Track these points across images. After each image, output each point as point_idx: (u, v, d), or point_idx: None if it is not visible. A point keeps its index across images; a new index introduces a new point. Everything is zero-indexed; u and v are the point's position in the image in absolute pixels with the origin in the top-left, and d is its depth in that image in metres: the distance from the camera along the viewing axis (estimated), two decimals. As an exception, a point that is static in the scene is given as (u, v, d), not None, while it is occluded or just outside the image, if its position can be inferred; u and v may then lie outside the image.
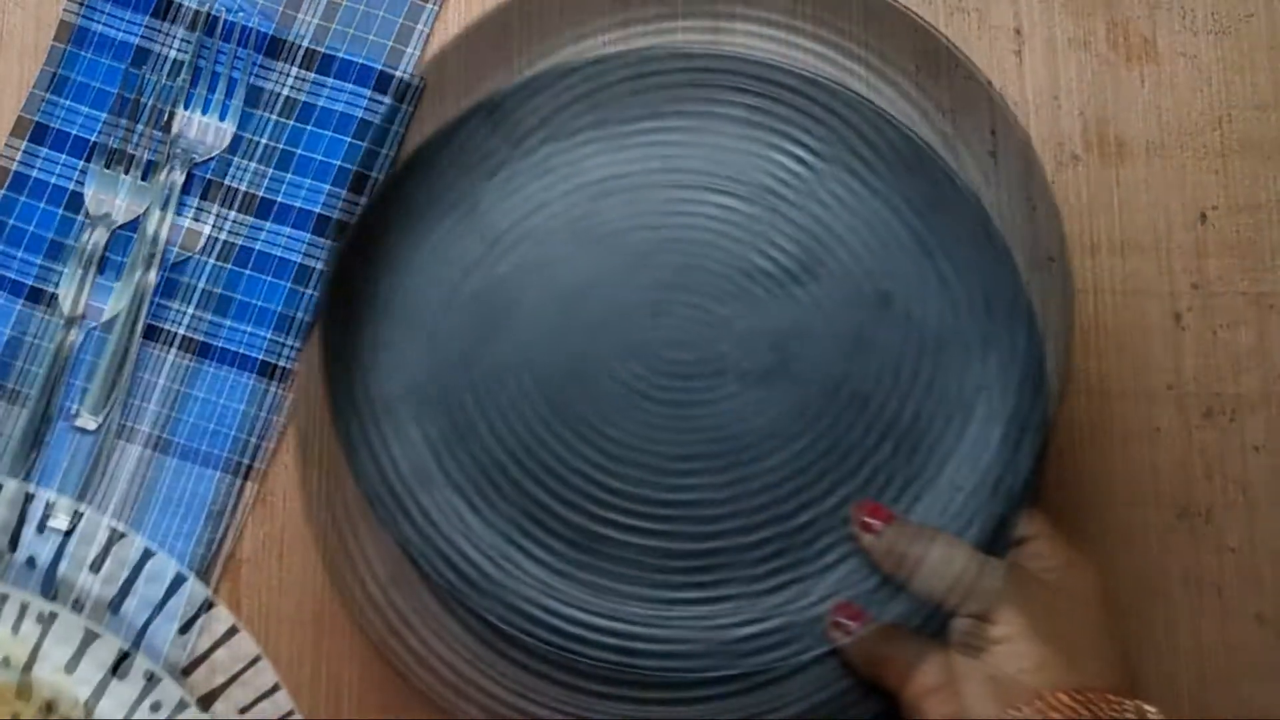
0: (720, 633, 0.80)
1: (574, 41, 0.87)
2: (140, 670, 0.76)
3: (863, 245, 0.85)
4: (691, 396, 0.83)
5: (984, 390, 0.82)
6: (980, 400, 0.82)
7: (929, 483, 0.81)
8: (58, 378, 0.84)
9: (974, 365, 0.83)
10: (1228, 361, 0.88)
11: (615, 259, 0.85)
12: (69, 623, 0.75)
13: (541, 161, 0.86)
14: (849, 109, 0.85)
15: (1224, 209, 0.89)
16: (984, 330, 0.83)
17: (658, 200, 0.86)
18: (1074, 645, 0.73)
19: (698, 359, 0.84)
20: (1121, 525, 0.86)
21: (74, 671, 0.75)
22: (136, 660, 0.76)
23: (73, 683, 0.76)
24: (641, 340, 0.83)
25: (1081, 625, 0.74)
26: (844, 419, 0.82)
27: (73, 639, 0.76)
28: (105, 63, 0.88)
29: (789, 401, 0.82)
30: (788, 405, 0.82)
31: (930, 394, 0.82)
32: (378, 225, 0.83)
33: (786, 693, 0.80)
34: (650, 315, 0.84)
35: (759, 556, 0.81)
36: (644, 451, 0.82)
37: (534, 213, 0.85)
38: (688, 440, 0.82)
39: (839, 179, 0.86)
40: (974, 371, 0.82)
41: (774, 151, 0.87)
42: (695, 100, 0.87)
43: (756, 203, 0.86)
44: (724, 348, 0.84)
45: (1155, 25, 0.91)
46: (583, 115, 0.87)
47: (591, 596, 0.81)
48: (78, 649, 0.76)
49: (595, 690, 0.80)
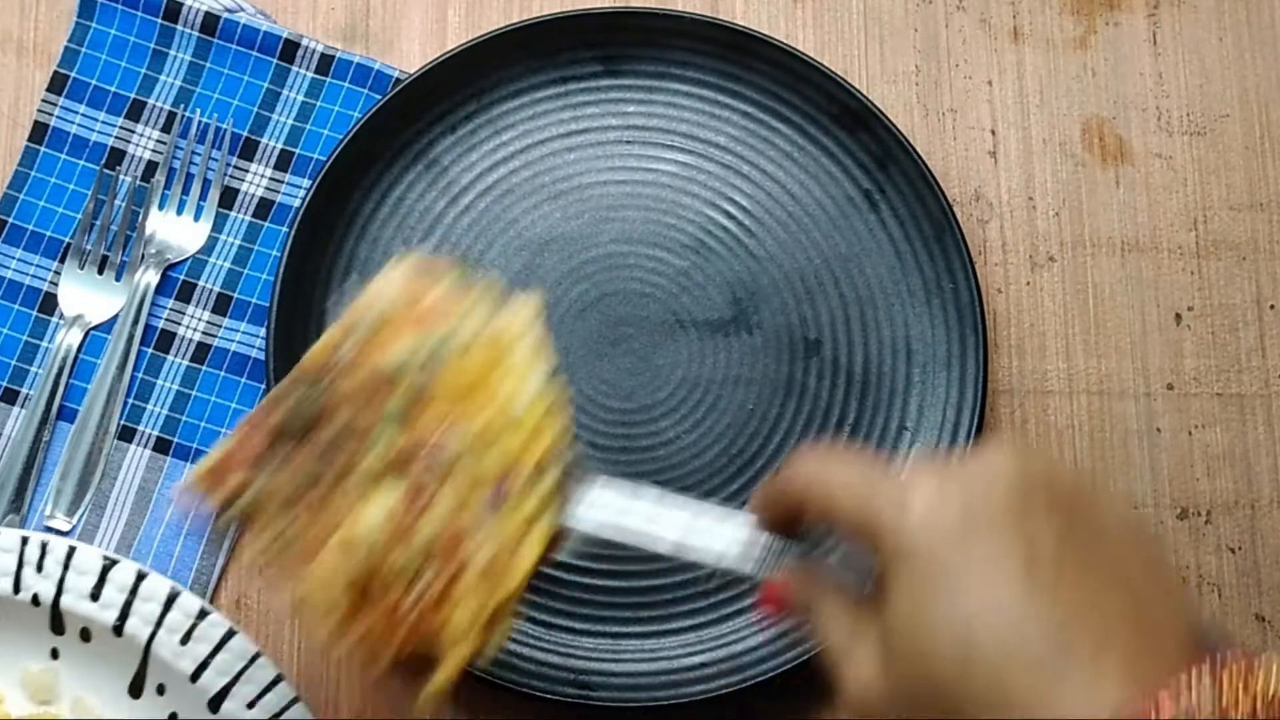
0: (670, 663, 0.83)
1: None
2: (152, 685, 0.79)
3: (813, 200, 0.88)
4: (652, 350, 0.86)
5: (926, 336, 0.86)
6: (920, 345, 0.86)
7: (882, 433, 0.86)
8: (29, 475, 0.84)
9: (920, 312, 0.86)
10: (1202, 463, 0.88)
11: (575, 214, 0.88)
12: (82, 651, 0.79)
13: (500, 118, 0.89)
14: (803, 67, 0.88)
15: (1199, 310, 0.89)
16: (925, 279, 0.87)
17: (615, 156, 0.89)
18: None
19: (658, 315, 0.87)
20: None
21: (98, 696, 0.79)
22: (148, 676, 0.79)
23: (99, 707, 0.79)
24: (600, 295, 0.86)
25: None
26: (797, 374, 0.86)
27: (89, 665, 0.79)
28: (79, 163, 0.88)
29: (744, 353, 0.86)
30: (741, 354, 0.86)
31: (878, 341, 0.87)
32: (340, 182, 0.86)
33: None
34: (609, 270, 0.87)
35: (703, 590, 0.85)
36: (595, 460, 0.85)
37: (494, 168, 0.88)
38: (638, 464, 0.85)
39: (789, 137, 0.89)
40: (920, 319, 0.86)
41: (728, 111, 0.89)
42: (650, 60, 0.89)
43: (712, 159, 0.89)
44: (684, 300, 0.87)
45: (1130, 126, 0.91)
46: (540, 73, 0.89)
47: (545, 633, 0.84)
48: (96, 675, 0.79)
49: None
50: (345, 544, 0.63)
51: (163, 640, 0.78)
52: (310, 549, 0.65)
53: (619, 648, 0.84)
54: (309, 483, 0.65)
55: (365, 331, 0.67)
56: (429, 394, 0.65)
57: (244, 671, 0.78)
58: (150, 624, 0.78)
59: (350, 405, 0.65)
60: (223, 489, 0.66)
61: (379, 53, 0.91)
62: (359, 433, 0.65)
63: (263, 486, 0.65)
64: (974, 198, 0.90)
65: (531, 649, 0.83)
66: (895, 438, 0.86)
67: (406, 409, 0.65)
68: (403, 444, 0.65)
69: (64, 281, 0.86)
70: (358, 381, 0.66)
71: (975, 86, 0.91)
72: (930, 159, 0.89)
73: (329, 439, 0.65)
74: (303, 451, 0.65)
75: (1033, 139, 0.91)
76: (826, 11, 0.92)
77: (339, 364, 0.66)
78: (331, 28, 0.91)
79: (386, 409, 0.65)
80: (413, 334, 0.66)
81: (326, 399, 0.66)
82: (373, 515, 0.64)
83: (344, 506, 0.64)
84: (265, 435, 0.66)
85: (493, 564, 0.64)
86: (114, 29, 0.89)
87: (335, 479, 0.65)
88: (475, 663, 0.65)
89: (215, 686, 0.78)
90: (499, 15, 0.92)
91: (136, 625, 0.78)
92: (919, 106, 0.91)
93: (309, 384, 0.66)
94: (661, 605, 0.85)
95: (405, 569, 0.63)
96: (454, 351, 0.66)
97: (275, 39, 0.89)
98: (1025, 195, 0.90)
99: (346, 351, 0.66)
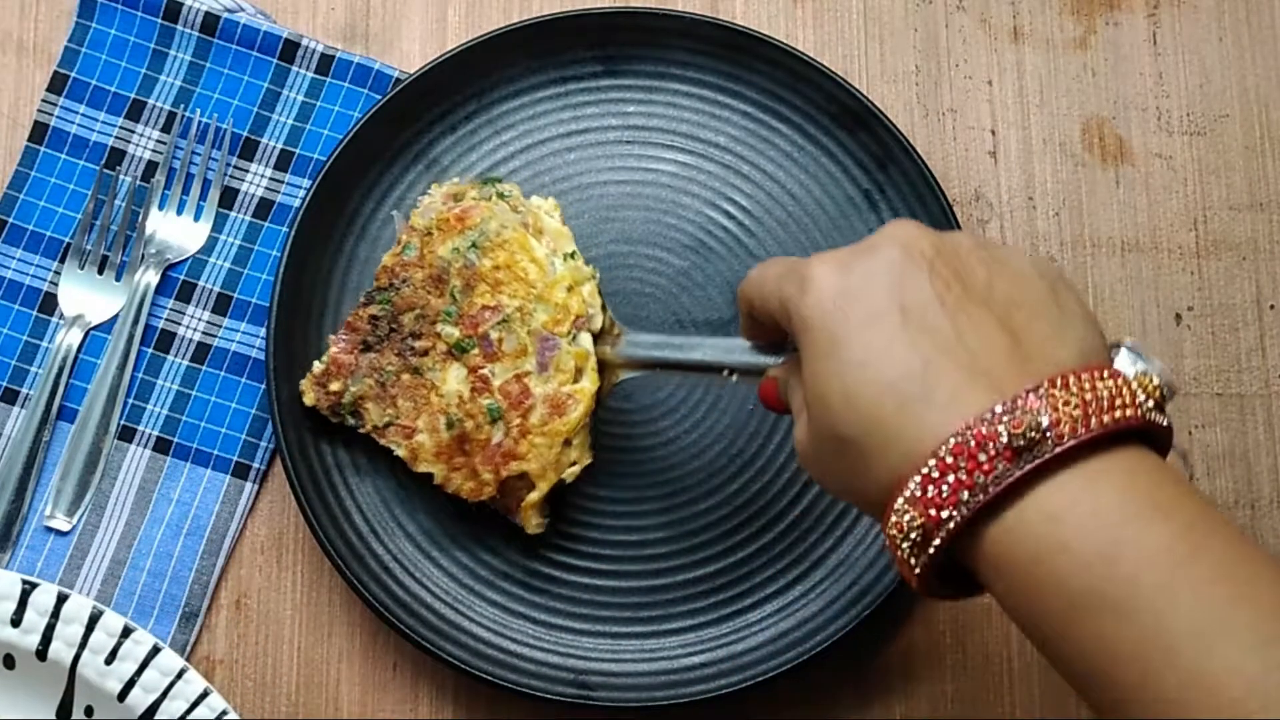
0: (670, 663, 0.83)
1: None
2: (80, 707, 0.79)
3: (813, 200, 0.88)
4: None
5: None
6: None
7: None
8: (29, 475, 0.84)
9: None
10: (1202, 463, 0.88)
11: (575, 214, 0.88)
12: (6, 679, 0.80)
13: (500, 118, 0.89)
14: (803, 67, 0.88)
15: (1199, 310, 0.89)
16: None
17: (616, 157, 0.89)
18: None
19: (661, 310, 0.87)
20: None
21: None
22: (75, 699, 0.79)
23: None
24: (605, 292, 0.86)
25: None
26: None
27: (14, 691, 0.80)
28: (79, 163, 0.88)
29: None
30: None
31: None
32: (340, 182, 0.86)
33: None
34: (609, 270, 0.87)
35: (702, 590, 0.85)
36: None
37: (494, 168, 0.88)
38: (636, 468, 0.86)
39: (789, 137, 0.89)
40: None
41: (728, 111, 0.89)
42: (651, 60, 0.89)
43: (712, 160, 0.89)
44: (684, 300, 0.87)
45: (1130, 126, 0.91)
46: (540, 73, 0.89)
47: (544, 633, 0.84)
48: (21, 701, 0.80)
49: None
50: (435, 411, 0.81)
51: (87, 661, 0.79)
52: (410, 420, 0.81)
53: (619, 648, 0.84)
54: (397, 370, 0.81)
55: (418, 241, 0.82)
56: (475, 279, 0.81)
57: (171, 687, 0.78)
58: (73, 646, 0.79)
59: (417, 300, 0.82)
60: (328, 395, 0.82)
61: (379, 53, 0.90)
62: (428, 320, 0.81)
63: (360, 385, 0.81)
64: (974, 198, 0.90)
65: (531, 649, 0.83)
66: None
67: (459, 296, 0.81)
68: (461, 326, 0.81)
69: (64, 281, 0.86)
70: (419, 281, 0.82)
71: (975, 86, 0.91)
72: (930, 159, 0.89)
73: (406, 333, 0.82)
74: (387, 349, 0.82)
75: (1033, 139, 0.91)
76: (826, 11, 0.92)
77: (403, 272, 0.82)
78: (331, 27, 0.91)
79: (446, 296, 0.81)
80: (454, 234, 0.81)
81: (397, 301, 0.82)
82: (450, 387, 0.81)
83: (427, 384, 0.81)
84: (355, 343, 0.82)
85: (553, 407, 0.80)
86: (114, 29, 0.89)
87: (416, 364, 0.81)
88: (560, 484, 0.81)
89: (143, 704, 0.78)
90: (499, 15, 0.92)
91: (60, 649, 0.79)
92: (919, 106, 0.91)
93: (382, 293, 0.82)
94: (661, 605, 0.85)
95: (484, 423, 0.80)
96: (490, 242, 0.81)
97: (275, 39, 0.89)
98: (1025, 195, 0.90)
99: (407, 260, 0.82)
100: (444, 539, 0.84)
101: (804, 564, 0.85)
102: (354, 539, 0.83)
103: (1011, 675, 0.85)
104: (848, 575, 0.84)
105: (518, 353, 0.80)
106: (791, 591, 0.84)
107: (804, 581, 0.84)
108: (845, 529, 0.85)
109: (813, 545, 0.85)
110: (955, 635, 0.85)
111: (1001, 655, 0.85)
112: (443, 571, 0.84)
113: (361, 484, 0.84)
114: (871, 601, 0.82)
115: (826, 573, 0.84)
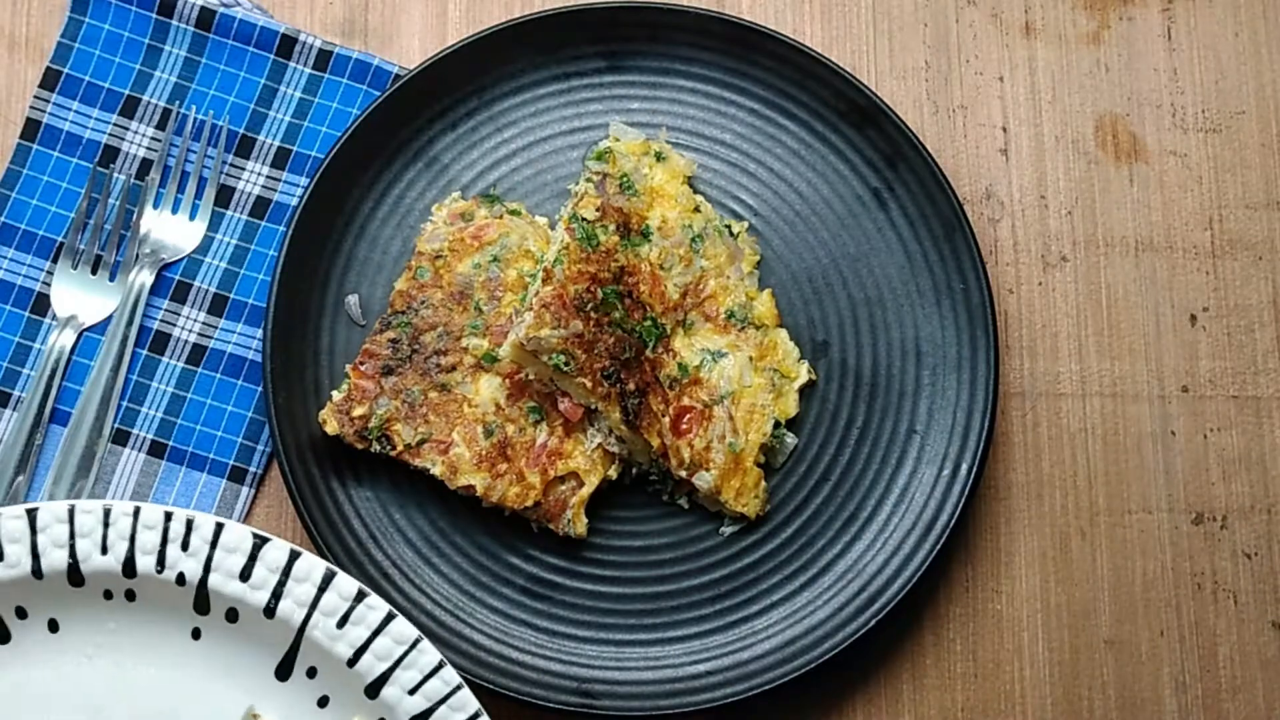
0: (674, 671, 0.82)
1: None
2: (303, 669, 0.76)
3: (821, 199, 0.87)
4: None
5: (936, 338, 0.85)
6: (930, 347, 0.85)
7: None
8: (21, 479, 0.83)
9: (930, 313, 0.85)
10: (1218, 467, 0.86)
11: None
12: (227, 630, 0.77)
13: (502, 114, 0.88)
14: (810, 63, 0.86)
15: (1215, 311, 0.88)
16: (935, 279, 0.85)
17: None
18: None
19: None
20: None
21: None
22: (298, 660, 0.76)
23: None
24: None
25: None
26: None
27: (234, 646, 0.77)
28: (72, 161, 0.86)
29: None
30: None
31: (887, 343, 0.86)
32: (338, 180, 0.85)
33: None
34: None
35: (708, 597, 0.84)
36: None
37: (496, 165, 0.87)
38: None
39: (797, 134, 0.88)
40: (930, 320, 0.85)
41: (733, 107, 0.88)
42: (655, 55, 0.88)
43: (718, 157, 0.88)
44: None
45: (1144, 123, 0.90)
46: (542, 68, 0.88)
47: (547, 640, 0.83)
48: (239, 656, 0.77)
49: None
50: (470, 422, 0.81)
51: (318, 623, 0.75)
52: (444, 436, 0.80)
53: (622, 655, 0.83)
54: (424, 389, 0.81)
55: (429, 265, 0.83)
56: (500, 290, 0.82)
57: (405, 656, 0.75)
58: (304, 606, 0.75)
59: (438, 319, 0.82)
60: (351, 421, 0.80)
61: (378, 48, 0.89)
62: (453, 336, 0.81)
63: (387, 408, 0.81)
64: (985, 196, 0.89)
65: (534, 657, 0.82)
66: (904, 441, 0.84)
67: (484, 308, 0.82)
68: (490, 336, 0.81)
69: (56, 282, 0.85)
70: (439, 301, 0.82)
71: (986, 83, 0.90)
72: (940, 156, 0.88)
73: (430, 352, 0.81)
74: (410, 370, 0.81)
75: (1045, 136, 0.89)
76: (834, 6, 0.91)
77: (420, 294, 0.82)
78: (330, 22, 0.89)
79: (472, 309, 0.82)
80: (472, 252, 0.83)
81: (417, 323, 0.82)
82: (484, 395, 0.81)
83: (457, 398, 0.81)
84: (375, 368, 0.81)
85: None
86: (108, 24, 0.87)
87: (444, 380, 0.81)
88: (607, 482, 0.82)
89: (375, 671, 0.75)
90: (500, 10, 0.90)
91: (289, 608, 0.75)
92: (929, 103, 0.90)
93: (399, 316, 0.82)
94: (665, 613, 0.83)
95: (527, 425, 0.81)
96: (512, 254, 0.83)
97: (272, 34, 0.88)
98: (1037, 194, 0.89)
99: (423, 283, 0.82)
100: (444, 545, 0.83)
101: (811, 569, 0.83)
102: (353, 545, 0.82)
103: (1023, 685, 0.84)
104: (856, 581, 0.83)
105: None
106: (799, 598, 0.83)
107: (811, 587, 0.83)
108: (854, 534, 0.84)
109: (820, 550, 0.84)
110: (965, 643, 0.84)
111: (1013, 664, 0.84)
112: (443, 578, 0.83)
113: (360, 488, 0.83)
114: (881, 608, 0.81)
115: (835, 578, 0.83)
